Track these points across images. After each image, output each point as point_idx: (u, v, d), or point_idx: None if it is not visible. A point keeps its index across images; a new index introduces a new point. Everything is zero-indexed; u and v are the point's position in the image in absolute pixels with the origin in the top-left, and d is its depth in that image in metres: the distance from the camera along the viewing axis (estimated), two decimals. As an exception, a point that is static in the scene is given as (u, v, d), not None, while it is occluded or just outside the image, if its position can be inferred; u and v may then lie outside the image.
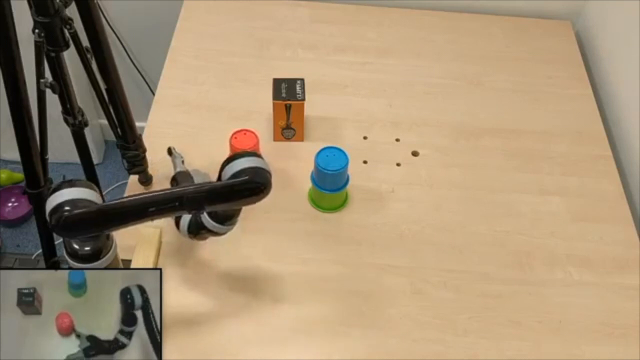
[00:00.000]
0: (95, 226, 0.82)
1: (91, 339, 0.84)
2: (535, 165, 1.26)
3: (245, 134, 1.17)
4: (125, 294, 0.85)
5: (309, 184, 1.16)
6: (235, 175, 0.88)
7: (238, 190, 0.89)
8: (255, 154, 0.92)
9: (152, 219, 0.85)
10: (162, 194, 0.85)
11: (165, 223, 1.11)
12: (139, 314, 0.85)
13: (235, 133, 1.17)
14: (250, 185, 0.88)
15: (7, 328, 0.83)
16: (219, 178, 0.90)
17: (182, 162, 1.13)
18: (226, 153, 1.24)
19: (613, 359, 1.02)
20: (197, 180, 1.07)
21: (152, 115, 1.28)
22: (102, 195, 0.84)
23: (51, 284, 0.84)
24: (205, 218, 0.94)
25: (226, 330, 1.01)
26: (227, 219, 0.94)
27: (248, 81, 1.35)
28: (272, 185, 0.90)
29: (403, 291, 1.07)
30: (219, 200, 0.88)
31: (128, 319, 0.85)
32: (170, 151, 1.15)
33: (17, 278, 0.84)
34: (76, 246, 0.83)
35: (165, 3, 1.65)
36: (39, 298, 0.84)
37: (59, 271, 0.86)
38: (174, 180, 1.08)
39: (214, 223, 0.94)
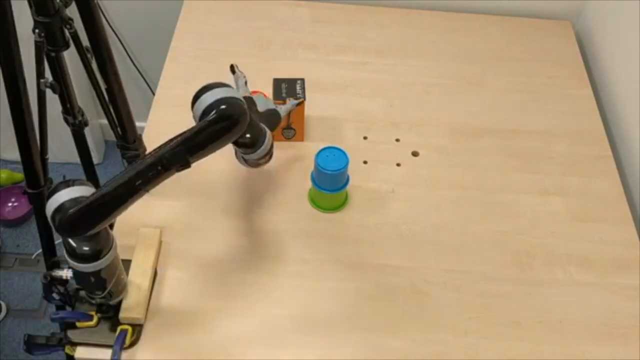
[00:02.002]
0: (98, 216, 0.81)
1: None
2: (535, 165, 1.26)
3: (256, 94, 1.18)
4: None
5: (309, 184, 1.16)
6: (205, 112, 0.83)
7: (212, 131, 0.82)
8: (220, 84, 0.86)
9: (146, 191, 0.83)
10: (142, 164, 0.82)
11: (165, 223, 1.11)
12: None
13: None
14: (223, 122, 0.82)
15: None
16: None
17: (245, 82, 1.06)
18: (226, 153, 1.24)
19: (613, 359, 1.02)
20: (260, 106, 1.02)
21: (152, 115, 1.28)
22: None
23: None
24: (238, 149, 0.97)
25: (226, 330, 1.01)
26: (251, 146, 0.95)
27: (248, 81, 1.35)
28: (247, 113, 0.84)
29: (403, 291, 1.07)
30: (198, 148, 0.83)
31: None
32: (233, 69, 1.06)
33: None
34: (76, 246, 0.84)
35: (165, 3, 1.65)
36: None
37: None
38: None
39: (244, 154, 0.97)
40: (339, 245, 1.12)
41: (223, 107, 0.84)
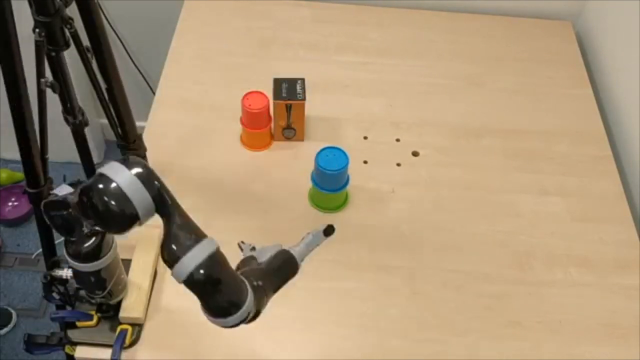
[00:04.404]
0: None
1: None
2: (535, 165, 1.26)
3: (255, 95, 1.19)
4: None
5: (309, 184, 1.16)
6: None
7: None
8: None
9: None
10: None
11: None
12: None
13: (246, 95, 1.19)
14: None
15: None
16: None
17: (252, 249, 0.96)
18: (226, 153, 1.24)
19: (613, 359, 1.02)
20: (262, 255, 0.92)
21: (152, 115, 1.28)
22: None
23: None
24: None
25: (226, 330, 1.00)
26: (223, 314, 0.82)
27: (248, 81, 1.35)
28: None
29: (403, 291, 1.07)
30: None
31: None
32: (240, 247, 0.97)
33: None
34: (77, 246, 0.84)
35: (166, 3, 1.65)
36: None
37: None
38: (238, 267, 0.93)
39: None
40: (339, 245, 1.12)
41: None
